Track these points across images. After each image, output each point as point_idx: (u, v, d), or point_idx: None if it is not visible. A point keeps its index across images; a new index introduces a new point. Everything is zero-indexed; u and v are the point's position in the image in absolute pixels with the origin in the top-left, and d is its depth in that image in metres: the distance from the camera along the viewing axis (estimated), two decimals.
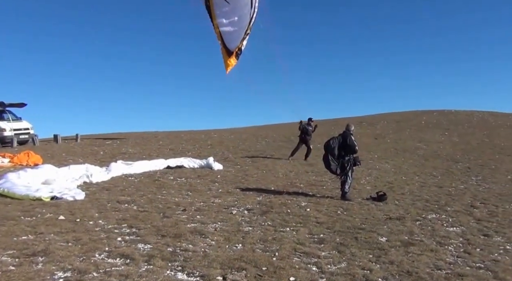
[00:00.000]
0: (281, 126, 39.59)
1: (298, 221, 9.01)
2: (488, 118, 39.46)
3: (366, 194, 12.15)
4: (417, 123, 36.39)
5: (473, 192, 13.24)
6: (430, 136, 28.78)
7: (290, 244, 7.39)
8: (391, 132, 31.21)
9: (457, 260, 6.89)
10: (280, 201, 10.90)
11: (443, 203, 11.48)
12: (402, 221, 9.31)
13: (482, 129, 31.86)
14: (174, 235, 7.50)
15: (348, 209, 10.27)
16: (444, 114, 42.13)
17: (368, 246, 7.39)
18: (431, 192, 12.98)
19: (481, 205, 11.45)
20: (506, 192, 13.48)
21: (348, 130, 11.54)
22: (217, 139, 27.26)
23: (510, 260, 7.02)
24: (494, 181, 15.35)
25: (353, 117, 43.26)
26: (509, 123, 35.47)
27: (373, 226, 8.79)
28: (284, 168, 16.72)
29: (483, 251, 7.45)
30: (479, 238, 8.31)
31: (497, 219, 9.90)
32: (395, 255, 6.93)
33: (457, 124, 35.21)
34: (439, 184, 14.54)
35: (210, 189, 12.36)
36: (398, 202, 11.45)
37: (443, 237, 8.17)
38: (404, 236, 8.14)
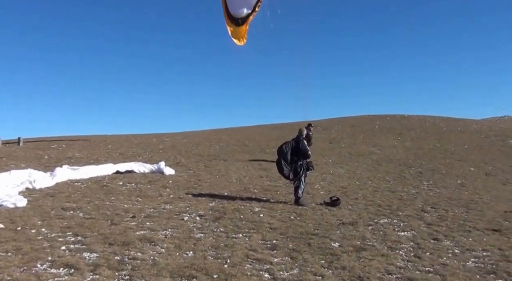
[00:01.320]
0: (236, 130, 39.45)
1: (251, 227, 8.77)
2: (440, 123, 41.02)
3: (320, 199, 12.12)
4: (371, 127, 37.26)
5: (424, 197, 13.54)
6: (384, 141, 29.48)
7: (242, 250, 7.14)
8: (346, 136, 31.76)
9: (407, 265, 6.87)
10: (233, 206, 10.62)
11: (395, 207, 11.62)
12: (355, 226, 9.28)
13: (433, 134, 33.01)
14: (122, 243, 7.09)
15: (301, 214, 10.15)
16: (397, 119, 43.46)
17: (320, 252, 7.25)
18: (384, 197, 13.14)
19: (431, 209, 11.68)
20: (456, 196, 13.89)
21: (301, 134, 11.46)
22: (170, 143, 26.64)
23: (458, 263, 7.09)
24: (445, 186, 15.82)
25: (308, 122, 43.66)
26: (459, 129, 37.04)
27: (326, 231, 8.69)
28: (238, 173, 16.47)
29: (432, 255, 7.50)
30: (429, 242, 8.38)
31: (446, 223, 10.09)
32: (347, 261, 6.82)
33: (410, 129, 36.32)
34: (391, 188, 14.79)
35: (161, 194, 11.90)
36: (352, 207, 11.47)
37: (395, 242, 8.18)
38: (357, 241, 8.08)
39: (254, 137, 30.36)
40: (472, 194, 14.44)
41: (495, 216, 11.15)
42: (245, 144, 26.68)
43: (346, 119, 45.17)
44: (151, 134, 34.44)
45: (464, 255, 7.63)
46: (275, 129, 37.61)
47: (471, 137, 32.03)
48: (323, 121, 45.03)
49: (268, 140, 28.39)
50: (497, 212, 11.69)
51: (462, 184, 16.41)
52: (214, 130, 39.51)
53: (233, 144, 26.78)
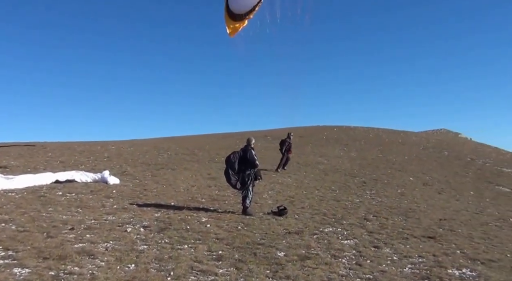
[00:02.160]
0: (185, 138, 39.00)
1: (197, 238, 8.68)
2: (382, 134, 42.73)
3: (268, 208, 12.21)
4: (319, 138, 38.15)
5: (367, 206, 13.99)
6: (331, 151, 30.23)
7: (187, 262, 7.05)
8: (295, 146, 32.09)
9: (349, 272, 7.08)
10: (179, 217, 10.46)
11: (340, 216, 11.94)
12: (300, 235, 9.44)
13: (377, 145, 34.28)
14: (58, 257, 6.77)
15: (248, 224, 10.18)
16: (344, 130, 44.81)
17: (266, 262, 7.31)
18: (329, 206, 13.45)
19: (373, 218, 12.10)
20: (396, 205, 14.47)
21: (249, 144, 11.54)
22: (115, 151, 25.78)
23: (396, 270, 7.41)
24: (386, 195, 16.44)
25: (259, 131, 44.12)
26: (400, 140, 38.76)
27: (272, 241, 8.77)
28: (186, 182, 16.25)
29: (373, 262, 7.78)
30: (370, 250, 8.68)
31: (386, 231, 10.49)
32: (292, 270, 6.92)
33: (355, 139, 37.53)
34: (337, 198, 15.16)
35: (104, 205, 11.48)
36: (298, 216, 11.65)
37: (338, 250, 8.41)
38: (302, 250, 8.22)
39: (204, 146, 30.13)
40: (411, 203, 15.13)
41: (430, 224, 11.75)
42: (194, 153, 26.40)
43: (296, 129, 45.80)
44: (96, 142, 33.15)
45: (402, 262, 7.98)
46: (225, 138, 37.58)
47: (410, 148, 33.66)
48: (273, 130, 45.53)
49: (218, 149, 28.27)
50: (433, 220, 12.33)
51: (402, 193, 17.16)
52: (162, 138, 38.80)
53: (182, 152, 26.40)
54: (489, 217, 13.96)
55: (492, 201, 17.69)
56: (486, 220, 13.35)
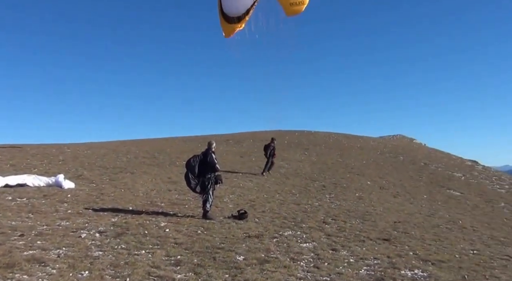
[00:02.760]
0: (145, 141, 38.29)
1: (155, 243, 8.54)
2: (342, 139, 43.63)
3: (228, 212, 12.19)
4: (280, 142, 38.36)
5: (326, 209, 14.24)
6: (292, 155, 30.56)
7: (144, 268, 6.92)
8: (257, 150, 32.34)
9: (307, 275, 7.18)
10: (137, 222, 10.25)
11: (299, 220, 12.09)
12: (260, 239, 9.48)
13: (336, 150, 34.98)
14: (6, 265, 6.49)
15: (208, 228, 10.12)
16: (305, 134, 45.42)
17: (225, 266, 7.30)
18: (289, 210, 13.59)
19: (332, 221, 12.34)
20: (354, 208, 14.82)
21: (210, 147, 11.50)
22: (71, 154, 24.89)
23: (352, 272, 7.59)
24: (345, 199, 16.80)
25: (220, 135, 44.01)
26: (359, 145, 39.70)
27: (232, 245, 8.76)
28: (145, 186, 15.95)
29: (330, 265, 7.93)
30: (328, 252, 8.85)
31: (344, 234, 10.73)
32: (251, 273, 6.94)
33: (315, 144, 38.11)
34: (297, 201, 15.34)
35: (57, 210, 11.08)
36: (258, 220, 11.70)
37: (297, 253, 8.51)
38: (261, 253, 8.25)
39: (165, 150, 29.69)
40: (368, 206, 15.54)
41: (386, 227, 12.13)
42: (154, 156, 25.95)
43: (258, 133, 46.07)
44: (50, 144, 31.86)
45: (358, 264, 8.18)
46: (186, 141, 37.15)
47: (369, 153, 34.56)
48: (235, 134, 45.57)
49: (179, 152, 27.94)
50: (388, 223, 12.73)
51: (360, 197, 17.60)
52: (121, 141, 37.82)
53: (142, 156, 25.88)
54: (440, 220, 14.57)
55: (443, 205, 18.46)
56: (437, 223, 13.91)
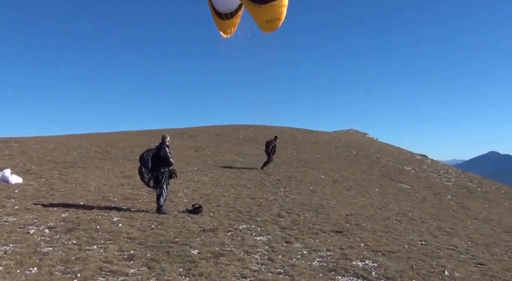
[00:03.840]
0: (97, 135, 37.14)
1: (107, 238, 8.32)
2: (297, 134, 44.29)
3: (183, 206, 12.08)
4: (236, 137, 38.55)
5: (281, 203, 14.42)
6: (247, 150, 30.70)
7: (95, 263, 6.74)
8: (212, 145, 32.28)
9: (261, 268, 7.25)
10: (89, 217, 9.93)
11: (254, 213, 12.17)
12: (215, 232, 9.47)
13: (291, 144, 35.46)
14: None
15: (162, 223, 9.98)
16: (260, 129, 45.65)
17: (179, 260, 7.23)
18: (245, 203, 13.65)
19: (286, 214, 12.51)
20: (308, 202, 15.10)
21: (163, 141, 11.32)
22: (18, 148, 23.69)
23: (305, 263, 7.74)
24: (299, 192, 17.08)
25: (175, 129, 43.41)
26: (313, 140, 40.46)
27: (186, 239, 8.69)
28: (97, 181, 15.48)
29: (284, 257, 8.05)
30: (282, 245, 8.97)
31: (298, 227, 10.91)
32: (205, 267, 6.93)
33: None
34: (252, 195, 15.43)
35: (4, 206, 10.53)
36: (213, 214, 11.67)
37: (251, 246, 8.57)
38: (216, 247, 8.25)
39: (118, 144, 28.93)
40: (322, 200, 15.89)
41: (339, 219, 12.46)
42: (107, 150, 25.23)
43: (213, 127, 45.95)
44: None
45: (311, 256, 8.36)
46: (140, 135, 36.37)
47: (323, 147, 35.33)
48: (190, 129, 45.12)
49: (132, 146, 27.34)
50: (341, 216, 13.08)
51: (314, 190, 17.96)
52: (72, 135, 36.42)
53: (94, 150, 25.09)
54: (390, 212, 15.15)
55: (394, 197, 19.21)
56: (388, 215, 14.46)
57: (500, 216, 18.08)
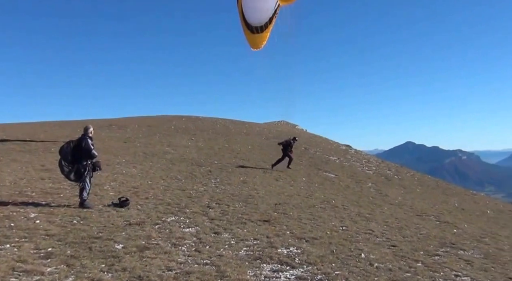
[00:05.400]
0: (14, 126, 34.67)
1: (22, 236, 7.86)
2: (229, 125, 44.39)
3: (109, 200, 11.68)
4: (167, 128, 37.77)
5: (211, 194, 14.45)
6: (178, 141, 30.24)
7: (8, 263, 6.36)
8: (141, 136, 31.39)
9: (187, 259, 7.27)
10: (2, 214, 9.29)
11: (183, 205, 12.09)
12: (141, 226, 9.29)
13: (223, 135, 35.49)
14: None
15: (85, 218, 9.60)
16: (192, 120, 45.20)
17: (102, 255, 7.03)
18: (174, 195, 13.50)
19: (216, 205, 12.57)
20: (238, 192, 15.26)
21: (86, 132, 10.86)
22: None
23: (232, 253, 7.88)
24: (229, 183, 17.19)
25: (103, 120, 41.66)
26: (245, 131, 40.79)
27: (111, 233, 8.45)
28: (13, 175, 14.47)
29: (211, 248, 8.13)
30: (210, 236, 9.03)
31: (227, 217, 11.03)
32: (129, 262, 6.80)
33: (203, 130, 38.20)
34: (182, 187, 15.28)
35: None
36: (141, 206, 11.43)
37: (179, 238, 8.54)
38: (142, 241, 8.11)
39: (38, 135, 27.18)
40: (251, 190, 16.14)
41: (267, 209, 12.76)
42: (26, 142, 23.61)
43: (143, 118, 44.63)
44: None
45: (238, 245, 8.52)
46: (64, 126, 34.43)
47: (254, 138, 35.79)
48: (119, 119, 43.51)
49: (55, 138, 25.82)
50: (269, 205, 13.40)
51: (244, 181, 18.17)
52: None
53: (10, 142, 23.37)
54: (316, 200, 15.76)
55: (319, 186, 19.99)
56: (313, 203, 15.04)
57: (412, 201, 19.54)
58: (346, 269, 7.68)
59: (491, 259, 10.12)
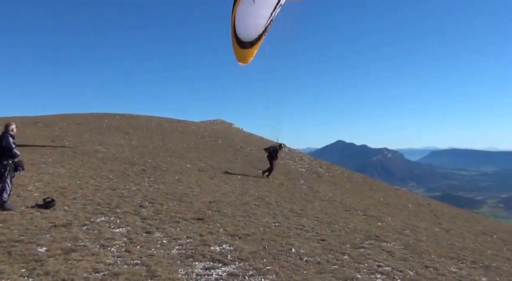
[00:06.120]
0: None
1: None
2: (164, 123, 43.55)
3: (33, 201, 11.06)
4: (98, 126, 36.32)
5: (144, 193, 14.15)
6: (111, 139, 29.22)
7: None
8: (71, 134, 29.94)
9: (117, 260, 7.10)
10: None
11: (114, 205, 11.74)
12: (68, 227, 8.92)
13: (158, 134, 34.80)
14: None
15: (5, 220, 9.02)
16: (126, 118, 43.81)
17: (22, 260, 6.67)
18: (105, 195, 13.06)
19: (149, 204, 12.34)
20: (172, 191, 15.08)
21: (6, 130, 10.19)
22: None
23: (164, 252, 7.80)
24: (164, 182, 16.93)
25: (28, 117, 39.13)
26: (180, 129, 40.26)
27: (33, 236, 8.03)
28: None
29: (142, 247, 7.99)
30: (141, 236, 8.87)
31: (160, 217, 10.88)
32: (53, 265, 6.52)
33: (137, 128, 37.19)
34: (113, 186, 14.82)
35: None
36: (68, 207, 10.94)
37: (108, 239, 8.30)
38: (67, 243, 7.80)
39: None
40: (186, 188, 16.03)
41: (201, 207, 12.75)
42: None
43: (72, 116, 42.49)
44: None
45: (171, 244, 8.45)
46: None
47: (189, 137, 35.47)
48: (45, 117, 41.09)
49: None
50: (204, 203, 13.39)
51: (179, 179, 18.00)
52: None
53: None
54: (250, 198, 16.00)
55: (254, 184, 20.29)
56: (247, 200, 15.25)
57: (342, 197, 20.49)
58: (277, 264, 7.90)
59: (410, 250, 10.89)
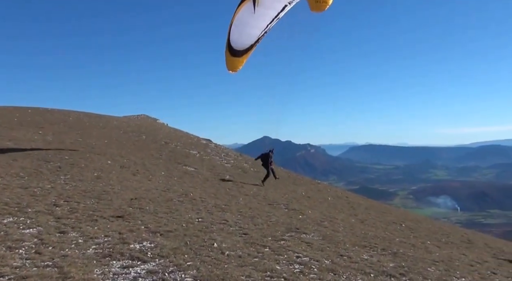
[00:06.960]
0: None
1: None
2: (84, 118, 41.38)
3: None
4: (8, 120, 33.58)
5: (59, 191, 13.37)
6: (22, 135, 27.20)
7: None
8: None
9: (25, 263, 6.67)
10: None
11: (25, 204, 10.97)
12: None
13: (77, 129, 32.98)
14: None
15: None
16: (40, 112, 40.97)
17: None
18: (14, 194, 12.16)
19: (64, 203, 11.69)
20: (91, 188, 14.41)
21: None
22: None
23: (79, 252, 7.47)
24: (81, 179, 16.11)
25: None
26: (101, 124, 38.50)
27: None
28: None
29: (55, 248, 7.58)
30: (54, 236, 8.40)
31: (76, 215, 10.36)
32: None
33: (52, 123, 34.96)
34: (24, 185, 13.84)
35: None
36: None
37: (16, 241, 7.76)
38: None
39: None
40: (106, 186, 15.40)
41: (122, 204, 12.35)
42: None
43: None
44: None
45: (87, 244, 8.11)
46: None
47: (111, 132, 34.05)
48: None
49: None
50: (124, 200, 12.98)
51: (98, 176, 17.24)
52: None
53: None
54: (174, 194, 15.79)
55: (179, 180, 20.06)
56: (171, 197, 15.04)
57: (266, 191, 20.96)
58: (198, 259, 7.91)
59: (327, 240, 11.47)
